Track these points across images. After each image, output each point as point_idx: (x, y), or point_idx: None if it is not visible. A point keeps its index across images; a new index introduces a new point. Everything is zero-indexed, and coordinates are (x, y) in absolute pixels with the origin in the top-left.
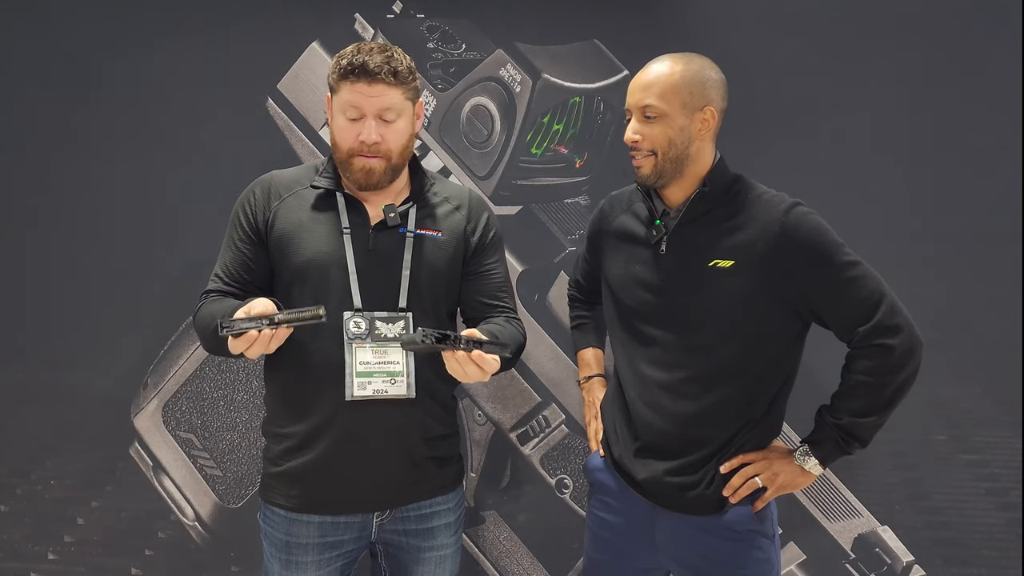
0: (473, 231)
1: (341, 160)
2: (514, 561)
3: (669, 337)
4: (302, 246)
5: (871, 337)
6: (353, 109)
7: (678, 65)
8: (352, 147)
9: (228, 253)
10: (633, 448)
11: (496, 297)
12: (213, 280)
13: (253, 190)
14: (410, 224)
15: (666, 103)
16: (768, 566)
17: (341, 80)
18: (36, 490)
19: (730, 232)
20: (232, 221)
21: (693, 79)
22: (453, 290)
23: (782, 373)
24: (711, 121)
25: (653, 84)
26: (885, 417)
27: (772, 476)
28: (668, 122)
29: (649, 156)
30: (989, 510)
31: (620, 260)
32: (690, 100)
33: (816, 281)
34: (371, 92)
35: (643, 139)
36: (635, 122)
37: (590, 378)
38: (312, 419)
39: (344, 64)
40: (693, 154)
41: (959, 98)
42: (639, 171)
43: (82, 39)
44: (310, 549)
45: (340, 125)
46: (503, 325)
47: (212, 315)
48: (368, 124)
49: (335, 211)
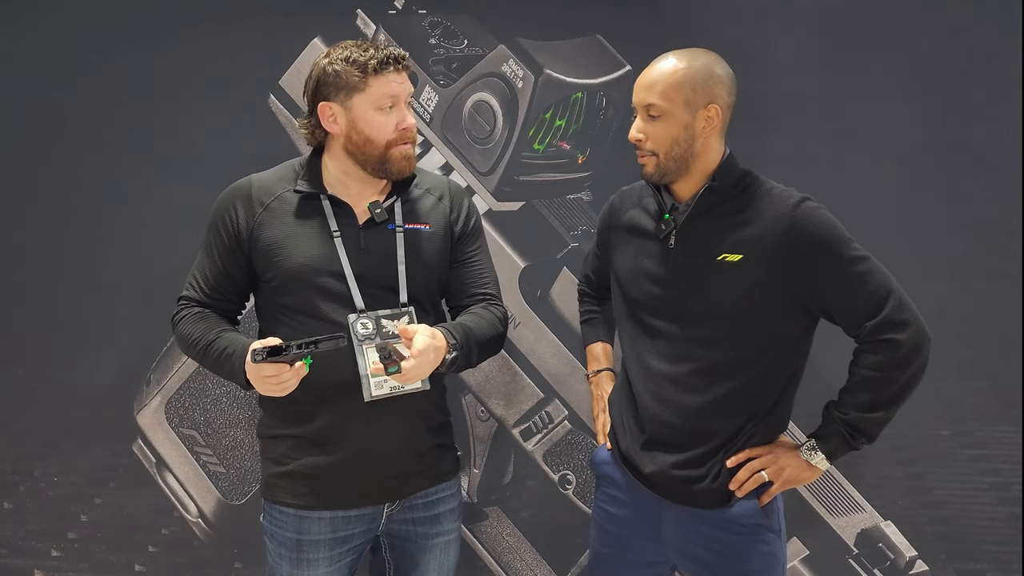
0: (456, 220)
1: (377, 155)
2: (517, 557)
3: (676, 330)
4: (293, 253)
5: (879, 332)
6: (390, 99)
7: (682, 62)
8: (392, 138)
9: (207, 261)
10: (640, 441)
11: (478, 284)
12: (190, 287)
13: (233, 201)
14: (398, 219)
15: (668, 101)
16: (774, 560)
17: (374, 76)
18: (40, 487)
19: (739, 226)
20: (212, 229)
21: (696, 76)
22: (444, 280)
23: (789, 367)
24: (716, 118)
25: (656, 83)
26: (892, 412)
27: (778, 470)
28: (671, 120)
29: (651, 156)
30: (992, 505)
31: (629, 254)
32: (693, 97)
33: (824, 275)
34: (401, 79)
35: (646, 138)
36: (639, 120)
37: (599, 372)
38: (323, 420)
39: (370, 58)
40: (698, 151)
41: (963, 93)
42: (643, 169)
43: (82, 36)
44: (322, 545)
45: (376, 121)
46: (479, 313)
47: (192, 336)
48: (403, 111)
49: (321, 214)
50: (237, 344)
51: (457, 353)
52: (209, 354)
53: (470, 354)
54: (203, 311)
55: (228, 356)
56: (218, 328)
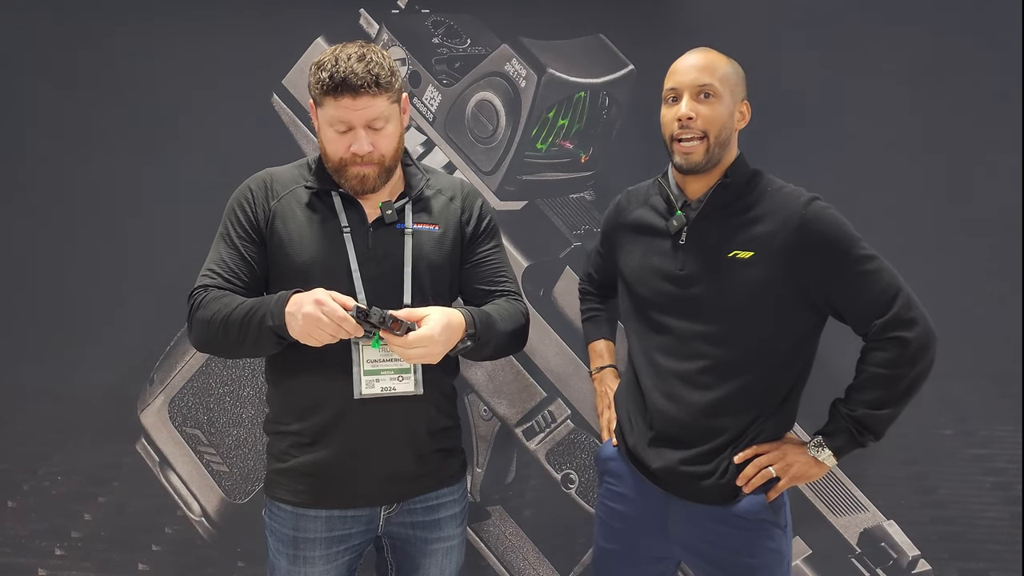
0: (468, 221)
1: (333, 168)
2: (520, 556)
3: (686, 327)
4: (303, 247)
5: (887, 330)
6: (341, 123)
7: (722, 56)
8: (344, 157)
9: (225, 250)
10: (648, 437)
11: (494, 282)
12: (208, 276)
13: (249, 187)
14: (407, 220)
15: (724, 85)
16: (779, 556)
17: (324, 96)
18: (43, 486)
19: (750, 224)
20: (228, 217)
21: (735, 71)
22: (455, 281)
23: (797, 365)
24: (746, 114)
25: (711, 66)
26: (900, 410)
27: (786, 467)
28: (723, 104)
29: (701, 140)
30: (995, 504)
31: (638, 252)
32: (736, 90)
33: (835, 274)
34: (357, 106)
35: (697, 117)
36: (690, 100)
37: (602, 369)
38: (320, 416)
39: (326, 79)
40: (731, 143)
41: (963, 93)
42: (689, 157)
43: (84, 35)
44: (318, 544)
45: (329, 137)
46: (500, 305)
47: (217, 312)
48: (358, 135)
49: (332, 210)
50: (273, 295)
51: (475, 330)
52: (236, 315)
53: (488, 336)
54: (223, 292)
55: (263, 302)
56: (244, 299)
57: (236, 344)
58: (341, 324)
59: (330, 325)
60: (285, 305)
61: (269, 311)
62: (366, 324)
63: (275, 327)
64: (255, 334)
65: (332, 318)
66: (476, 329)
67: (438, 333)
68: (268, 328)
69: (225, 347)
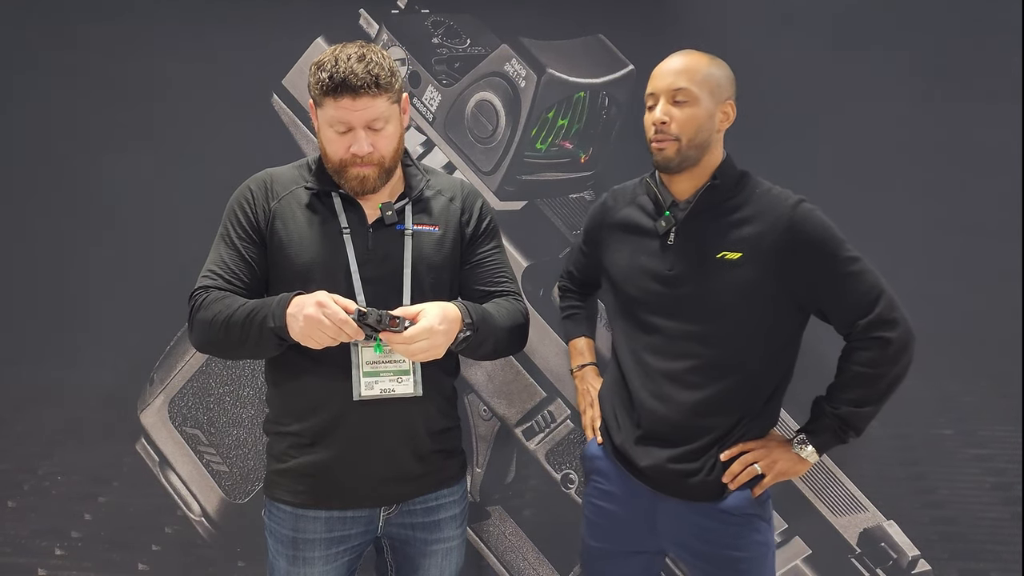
0: (468, 221)
1: (333, 169)
2: (519, 556)
3: (675, 327)
4: (302, 248)
5: (871, 330)
6: (341, 124)
7: (703, 58)
8: (344, 158)
9: (225, 250)
10: (635, 436)
11: (494, 283)
12: (209, 277)
13: (249, 187)
14: (407, 221)
15: (699, 88)
16: (766, 548)
17: (324, 96)
18: (43, 486)
19: (738, 225)
20: (228, 218)
21: (721, 71)
22: (455, 282)
23: (782, 365)
24: (731, 114)
25: (686, 70)
26: (880, 407)
27: (771, 463)
28: (698, 108)
29: (673, 141)
30: (995, 504)
31: (625, 252)
32: (716, 91)
33: (821, 274)
34: (356, 107)
35: (671, 121)
36: (665, 104)
37: (583, 366)
38: (320, 417)
39: (326, 79)
40: (712, 144)
41: (963, 93)
42: (662, 152)
43: (84, 35)
44: (317, 544)
45: (329, 138)
46: (499, 303)
47: (218, 312)
48: (358, 136)
49: (332, 211)
50: (275, 297)
51: (471, 320)
52: (238, 316)
53: (486, 329)
54: (224, 293)
55: (265, 304)
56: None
57: (237, 345)
58: (342, 327)
59: (331, 327)
60: (287, 307)
61: (271, 312)
62: (366, 327)
63: (276, 328)
64: (256, 335)
65: (333, 320)
66: (473, 319)
67: (438, 323)
68: (269, 329)
69: (226, 348)
